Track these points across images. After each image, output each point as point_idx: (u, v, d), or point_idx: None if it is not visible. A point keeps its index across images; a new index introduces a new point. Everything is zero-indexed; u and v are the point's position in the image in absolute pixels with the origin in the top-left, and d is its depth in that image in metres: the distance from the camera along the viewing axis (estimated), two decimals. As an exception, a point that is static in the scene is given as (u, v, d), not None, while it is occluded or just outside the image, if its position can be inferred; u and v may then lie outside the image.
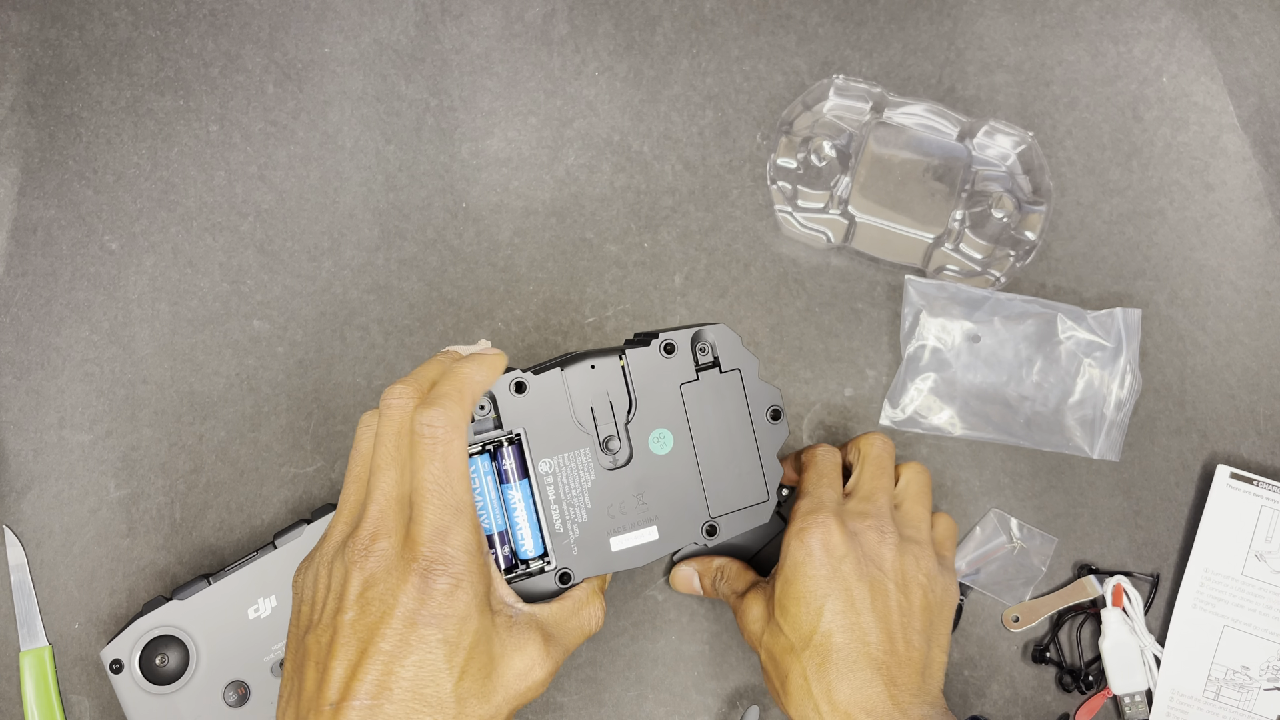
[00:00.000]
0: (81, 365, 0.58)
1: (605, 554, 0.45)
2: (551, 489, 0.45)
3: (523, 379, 0.44)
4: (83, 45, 0.61)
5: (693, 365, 0.46)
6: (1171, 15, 0.62)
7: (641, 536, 0.46)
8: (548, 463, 0.45)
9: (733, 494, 0.47)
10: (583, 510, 0.45)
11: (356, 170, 0.60)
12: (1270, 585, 0.55)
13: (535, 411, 0.45)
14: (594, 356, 0.45)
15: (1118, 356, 0.57)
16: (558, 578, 0.45)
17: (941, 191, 0.58)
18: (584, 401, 0.45)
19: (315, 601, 0.40)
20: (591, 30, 0.62)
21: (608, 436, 0.45)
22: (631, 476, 0.46)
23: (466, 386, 0.42)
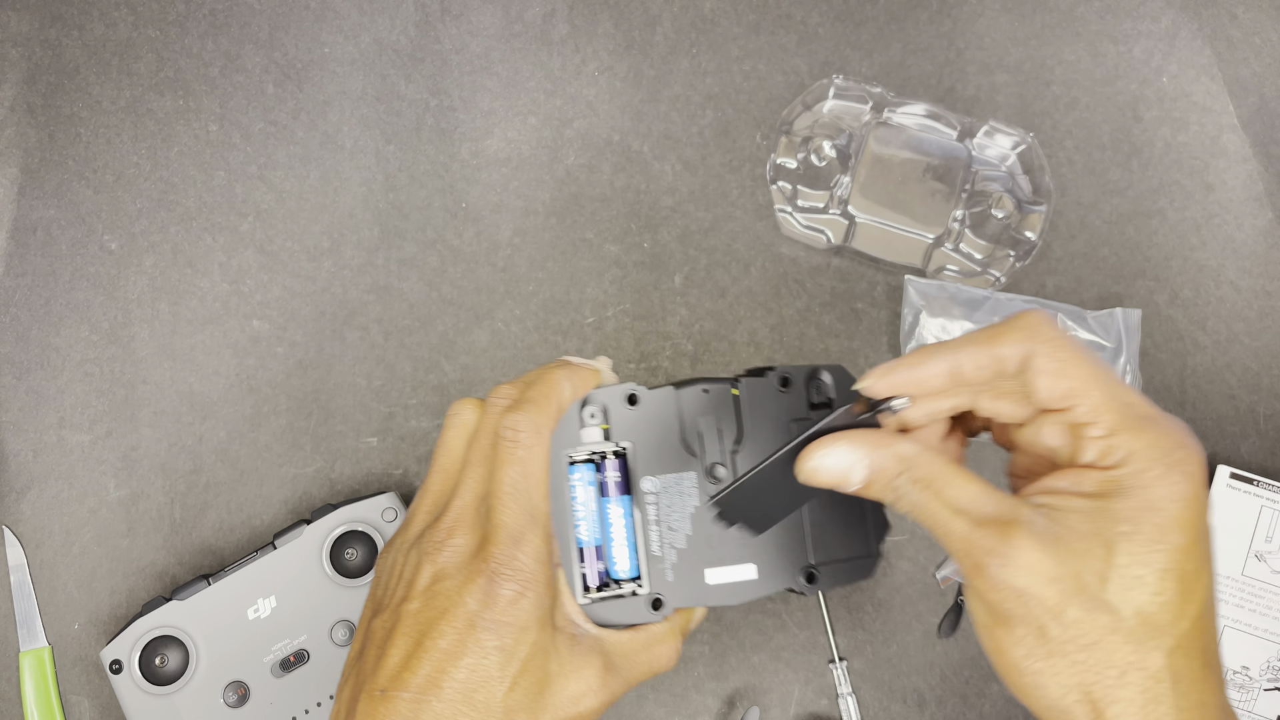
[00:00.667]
0: (81, 365, 0.58)
1: (700, 585, 0.43)
2: (653, 509, 0.43)
3: (636, 391, 0.43)
4: (82, 45, 0.61)
5: (805, 403, 0.44)
6: (1171, 15, 0.62)
7: (739, 573, 0.43)
8: (651, 481, 0.43)
9: (836, 543, 0.44)
10: (682, 536, 0.43)
11: (356, 170, 0.60)
12: (1270, 585, 0.55)
13: (644, 427, 0.43)
14: (708, 382, 0.44)
15: (1118, 357, 0.57)
16: (649, 603, 0.42)
17: (941, 192, 0.58)
18: (693, 425, 0.43)
19: (388, 586, 0.40)
20: (591, 30, 0.62)
21: (715, 463, 0.43)
22: None
23: (554, 394, 0.41)
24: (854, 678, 0.56)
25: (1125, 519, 0.31)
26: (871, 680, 0.56)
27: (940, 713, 0.56)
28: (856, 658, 0.56)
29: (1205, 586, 0.32)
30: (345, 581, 0.54)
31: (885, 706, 0.56)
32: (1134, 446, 0.32)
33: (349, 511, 0.54)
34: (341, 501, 0.55)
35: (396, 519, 0.55)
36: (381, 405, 0.59)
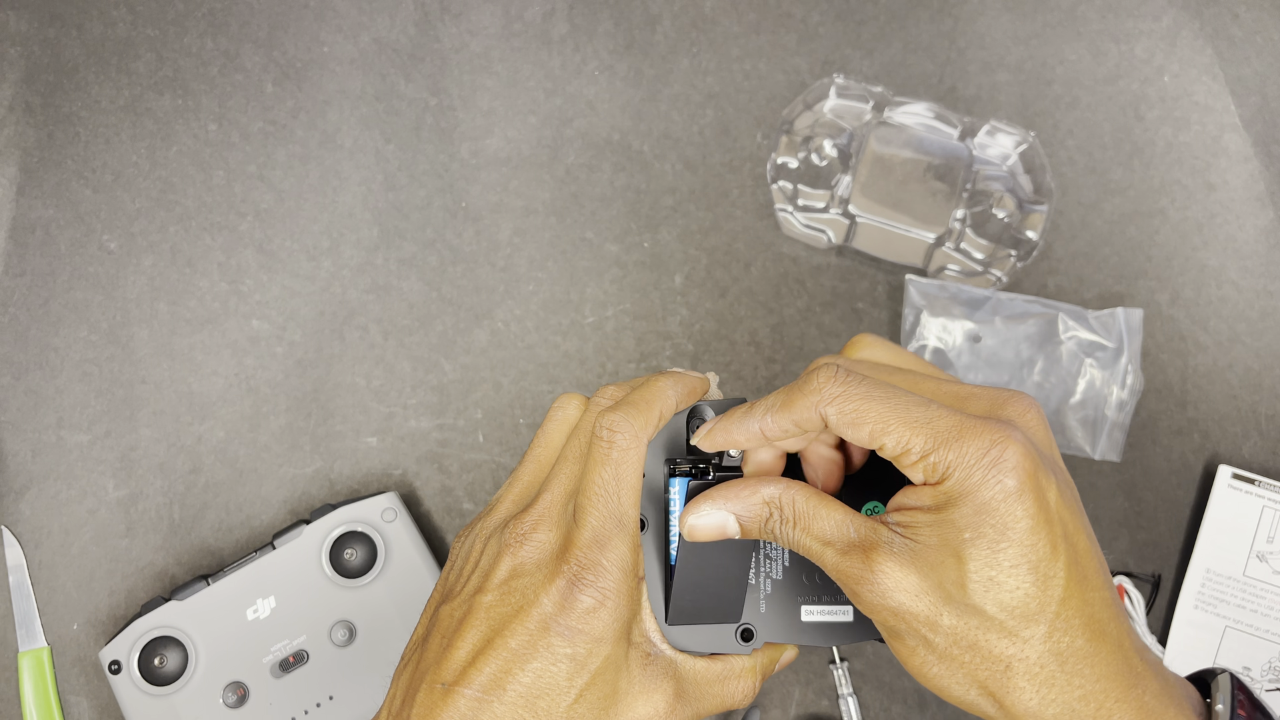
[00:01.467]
0: (80, 365, 0.58)
1: (794, 622, 0.40)
2: None
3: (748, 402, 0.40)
4: (81, 44, 0.61)
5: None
6: (1173, 14, 0.61)
7: (835, 614, 0.40)
8: None
9: None
10: (779, 566, 0.40)
11: (356, 170, 0.60)
12: (1272, 586, 0.55)
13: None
14: None
15: (1119, 356, 0.57)
16: (739, 634, 0.40)
17: (942, 191, 0.58)
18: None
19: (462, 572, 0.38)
20: (591, 29, 0.61)
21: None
22: None
23: (657, 399, 0.38)
24: (854, 678, 0.56)
25: (964, 526, 0.33)
26: (872, 680, 0.56)
27: (940, 713, 0.56)
28: (857, 658, 0.56)
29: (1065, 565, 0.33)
30: (345, 582, 0.54)
31: (885, 707, 0.56)
32: (950, 459, 0.33)
33: (348, 512, 0.54)
34: (341, 502, 0.55)
35: (396, 519, 0.55)
36: (381, 405, 0.58)
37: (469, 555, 0.39)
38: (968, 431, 0.33)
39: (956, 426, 0.33)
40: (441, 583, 0.40)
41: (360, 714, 0.54)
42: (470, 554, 0.39)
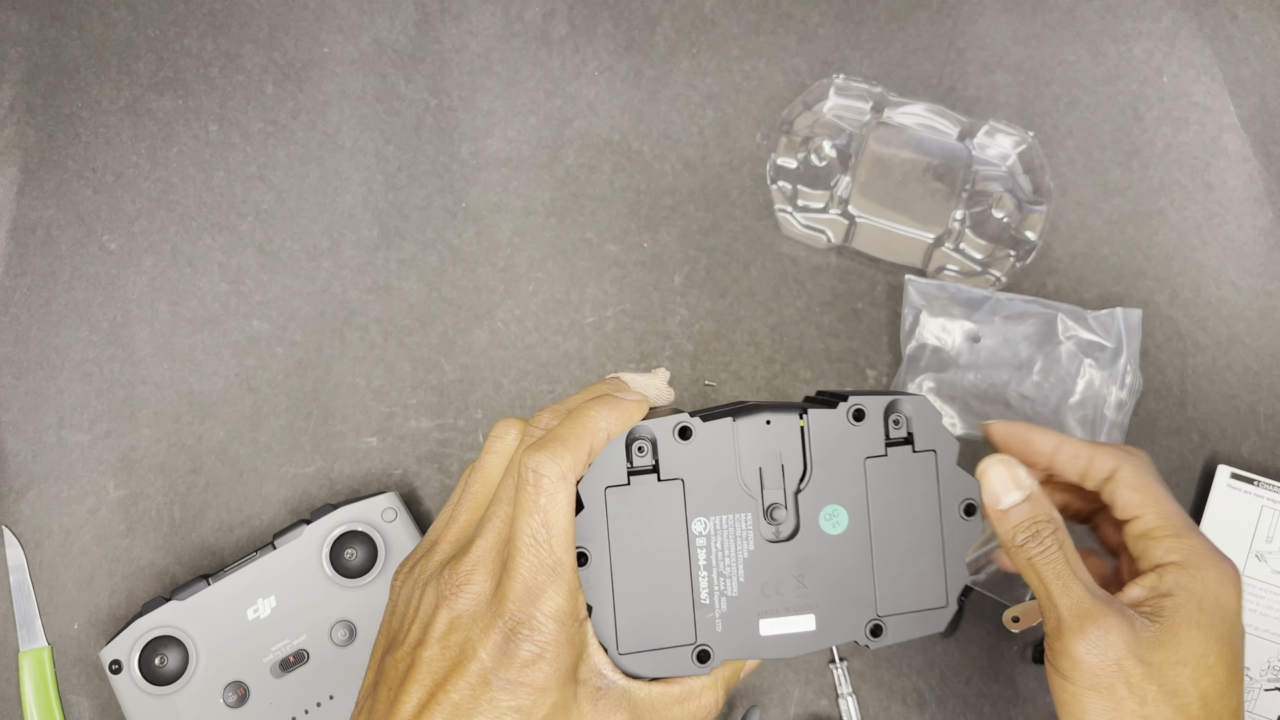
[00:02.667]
0: (80, 365, 0.58)
1: (753, 637, 0.40)
2: (703, 553, 0.39)
3: (689, 424, 0.39)
4: (82, 45, 0.61)
5: (882, 438, 0.41)
6: (1172, 15, 0.62)
7: (796, 624, 0.40)
8: (703, 522, 0.40)
9: (907, 593, 0.41)
10: (734, 583, 0.40)
11: (356, 170, 0.60)
12: (1271, 586, 0.55)
13: (697, 462, 0.39)
14: (771, 410, 0.40)
15: (1118, 357, 0.57)
16: (695, 655, 0.39)
17: (942, 191, 0.58)
18: (753, 460, 0.40)
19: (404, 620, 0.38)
20: (591, 30, 0.62)
21: (773, 504, 0.40)
22: (794, 554, 0.40)
23: (587, 433, 0.38)
24: (854, 678, 0.56)
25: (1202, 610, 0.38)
26: (871, 680, 0.56)
27: (940, 713, 0.56)
28: (856, 658, 0.56)
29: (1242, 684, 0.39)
30: (345, 581, 0.54)
31: (885, 706, 0.56)
32: (1195, 545, 0.40)
33: (349, 511, 0.54)
34: (341, 501, 0.55)
35: (396, 519, 0.55)
36: (381, 405, 0.58)
37: (409, 602, 0.39)
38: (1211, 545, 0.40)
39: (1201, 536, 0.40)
40: (385, 627, 0.40)
41: (360, 713, 0.54)
42: (410, 600, 0.39)
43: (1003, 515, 0.40)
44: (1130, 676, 0.37)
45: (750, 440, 0.40)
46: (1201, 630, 0.38)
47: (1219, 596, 0.38)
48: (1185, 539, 0.40)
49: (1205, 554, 0.39)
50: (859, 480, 0.40)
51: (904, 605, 0.41)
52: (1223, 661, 0.38)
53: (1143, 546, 0.40)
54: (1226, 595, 0.39)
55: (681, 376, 0.59)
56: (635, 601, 0.39)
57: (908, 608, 0.41)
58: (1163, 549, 0.40)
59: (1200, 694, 0.37)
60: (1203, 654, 0.38)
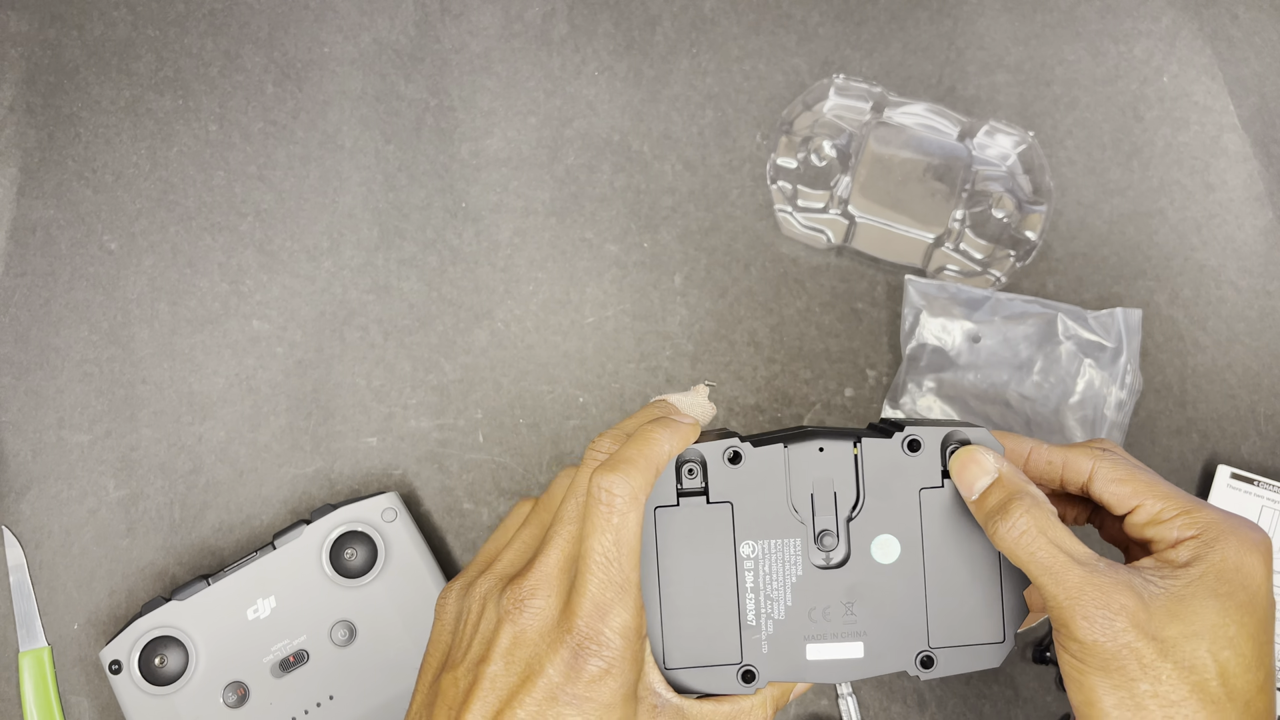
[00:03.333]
0: (80, 365, 0.58)
1: (799, 660, 0.40)
2: (750, 575, 0.40)
3: (740, 449, 0.40)
4: (82, 45, 0.61)
5: (939, 469, 0.40)
6: (1172, 15, 0.62)
7: (843, 650, 0.40)
8: (751, 545, 0.40)
9: (960, 627, 0.40)
10: (781, 606, 0.40)
11: (356, 170, 0.60)
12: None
13: (748, 486, 0.40)
14: (825, 437, 0.40)
15: (1118, 357, 0.57)
16: (740, 675, 0.40)
17: (942, 191, 0.58)
18: (804, 486, 0.40)
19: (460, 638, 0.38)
20: (591, 30, 0.62)
21: (824, 530, 0.40)
22: (844, 581, 0.40)
23: (653, 453, 0.38)
24: (854, 678, 0.56)
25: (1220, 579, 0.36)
26: (871, 680, 0.56)
27: (940, 713, 0.56)
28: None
29: (1272, 659, 0.36)
30: (345, 582, 0.54)
31: (885, 706, 0.56)
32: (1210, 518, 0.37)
33: (349, 511, 0.54)
34: (341, 501, 0.55)
35: (396, 519, 0.55)
36: (381, 405, 0.59)
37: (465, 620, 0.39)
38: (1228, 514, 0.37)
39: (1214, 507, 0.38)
40: (435, 647, 0.39)
41: (360, 714, 0.54)
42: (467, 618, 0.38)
43: (978, 504, 0.39)
44: (1141, 655, 0.34)
45: (802, 466, 0.40)
46: (1219, 599, 0.35)
47: (1240, 564, 0.36)
48: (1196, 514, 0.37)
49: (1222, 523, 0.37)
50: (913, 511, 0.40)
51: (957, 639, 0.40)
52: (1245, 632, 0.35)
53: (1153, 532, 0.38)
54: (1249, 562, 0.36)
55: (681, 376, 0.59)
56: (682, 619, 0.40)
57: (961, 641, 0.40)
58: (1174, 528, 0.37)
59: (1220, 669, 0.35)
60: (1220, 624, 0.35)
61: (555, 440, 0.58)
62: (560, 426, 0.59)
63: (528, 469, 0.58)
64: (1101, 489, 0.39)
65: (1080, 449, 0.40)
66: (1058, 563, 0.36)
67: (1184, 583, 0.36)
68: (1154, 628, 0.35)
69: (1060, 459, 0.40)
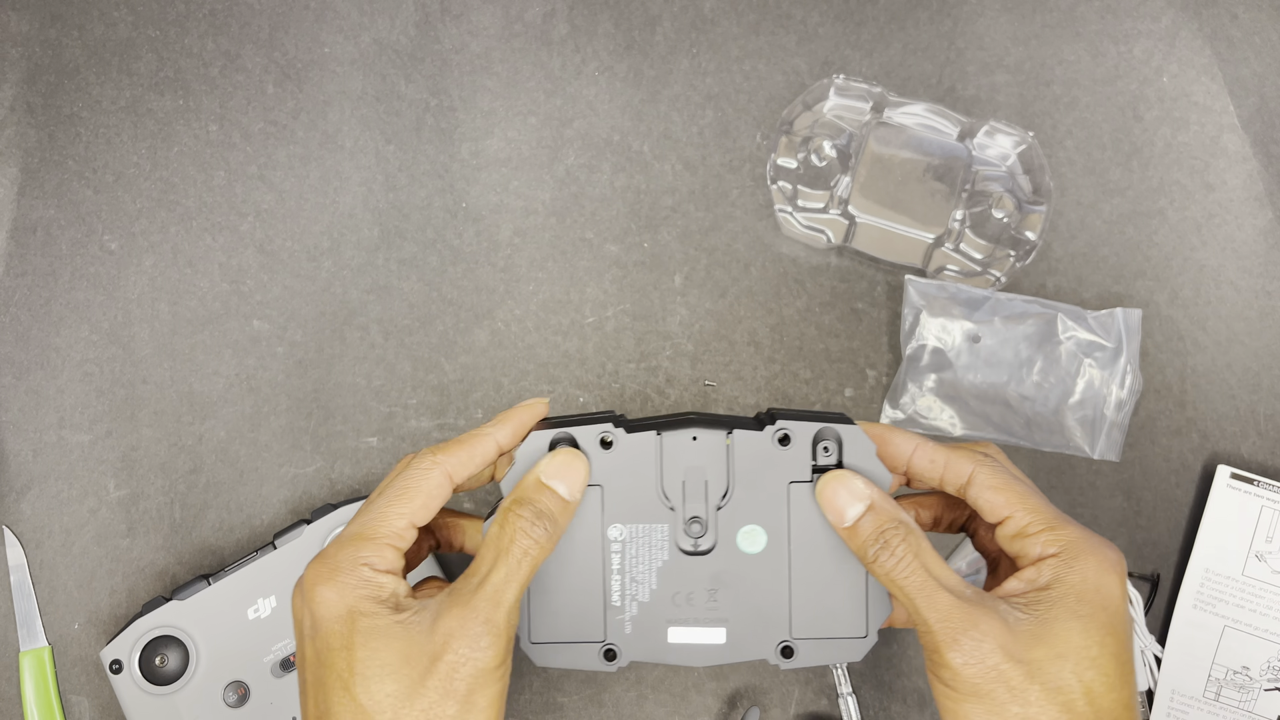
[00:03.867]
0: (81, 365, 0.58)
1: (660, 642, 0.41)
2: (617, 557, 0.41)
3: (612, 435, 0.40)
4: (82, 45, 0.61)
5: (809, 463, 0.40)
6: (1172, 15, 0.62)
7: (706, 635, 0.41)
8: (619, 529, 0.40)
9: (823, 619, 0.41)
10: (646, 589, 0.41)
11: (356, 170, 0.60)
12: (1271, 586, 0.55)
13: (619, 471, 0.40)
14: (702, 426, 0.40)
15: (1118, 356, 0.57)
16: (602, 652, 0.41)
17: (941, 191, 0.58)
18: (675, 474, 0.40)
19: None
20: (591, 30, 0.62)
21: (693, 517, 0.40)
22: (709, 568, 0.41)
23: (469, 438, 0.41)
24: (854, 678, 0.56)
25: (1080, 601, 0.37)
26: (871, 680, 0.56)
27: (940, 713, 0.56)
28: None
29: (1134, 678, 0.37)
30: (345, 581, 0.54)
31: (885, 706, 0.56)
32: (1071, 536, 0.38)
33: (349, 511, 0.54)
34: (341, 501, 0.55)
35: (396, 519, 0.55)
36: (381, 405, 0.59)
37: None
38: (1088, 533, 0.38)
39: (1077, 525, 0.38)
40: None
41: (361, 713, 0.54)
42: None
43: (851, 532, 0.39)
44: (1009, 679, 0.35)
45: (675, 454, 0.41)
46: (1081, 620, 0.36)
47: (1099, 584, 0.37)
48: (1059, 531, 0.38)
49: (1082, 543, 0.38)
50: (781, 503, 0.41)
51: (820, 631, 0.41)
52: (1106, 652, 0.36)
53: (1018, 546, 0.39)
54: (1107, 583, 0.37)
55: (681, 376, 0.59)
56: (548, 596, 0.41)
57: (824, 634, 0.41)
58: (1039, 544, 0.38)
59: (1085, 689, 0.36)
60: (1084, 645, 0.36)
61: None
62: (560, 426, 0.59)
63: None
64: (977, 494, 0.40)
65: (963, 452, 0.40)
66: (929, 589, 0.37)
67: (1046, 606, 0.37)
68: (1020, 651, 0.36)
69: (943, 460, 0.41)
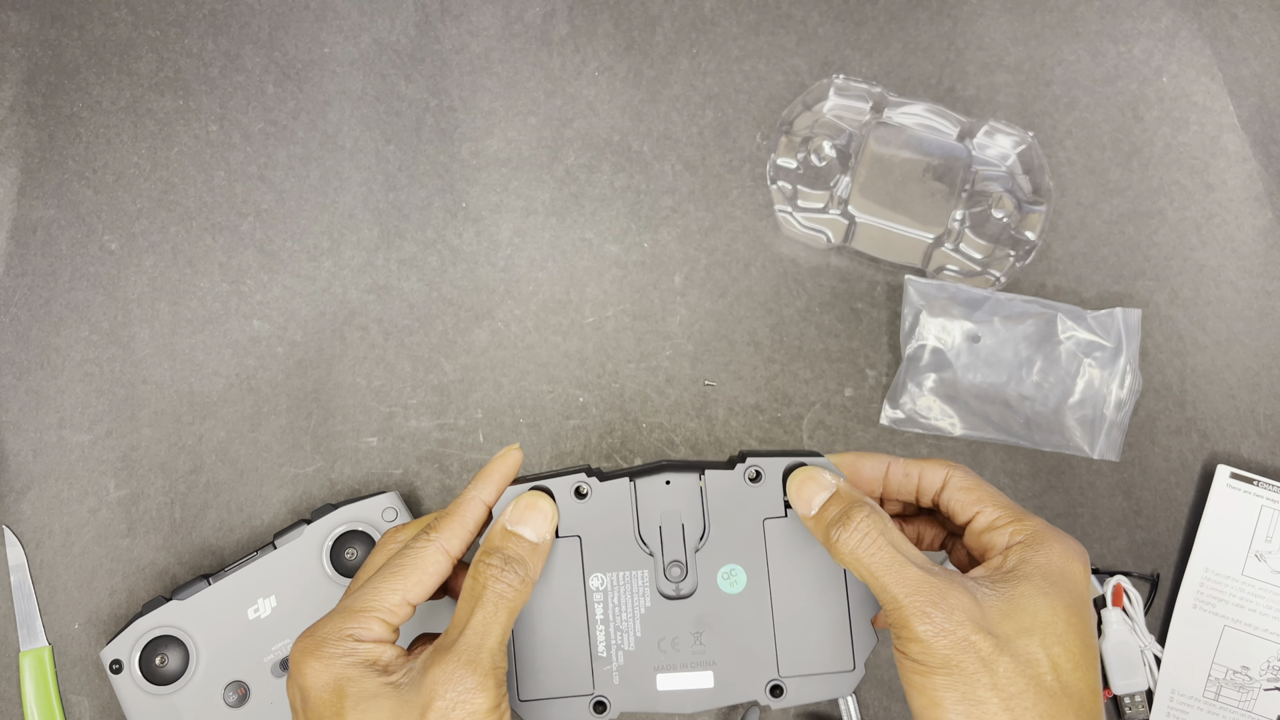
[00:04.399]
0: (81, 365, 0.58)
1: (650, 691, 0.40)
2: (600, 607, 0.40)
3: (585, 484, 0.40)
4: (83, 45, 0.61)
5: (781, 498, 0.40)
6: (1171, 15, 0.62)
7: (694, 680, 0.40)
8: (600, 578, 0.40)
9: (810, 655, 0.40)
10: (631, 637, 0.40)
11: (356, 170, 0.60)
12: (1270, 585, 0.55)
13: (595, 520, 0.40)
14: (674, 470, 0.40)
15: (1118, 356, 0.57)
16: (592, 705, 0.40)
17: (941, 191, 0.58)
18: (652, 519, 0.40)
19: None
20: (591, 30, 0.62)
21: (672, 561, 0.40)
22: (692, 611, 0.40)
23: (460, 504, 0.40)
24: (854, 678, 0.56)
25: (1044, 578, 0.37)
26: (871, 680, 0.57)
27: (940, 712, 0.56)
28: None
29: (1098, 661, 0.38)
30: (345, 581, 0.54)
31: (885, 706, 0.56)
32: (1036, 527, 0.39)
33: (349, 511, 0.54)
34: (341, 501, 0.55)
35: (396, 518, 0.55)
36: (381, 405, 0.59)
37: None
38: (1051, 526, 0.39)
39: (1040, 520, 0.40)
40: None
41: (361, 713, 0.54)
42: None
43: (816, 520, 0.39)
44: (979, 650, 0.35)
45: (650, 499, 0.40)
46: (1048, 598, 0.36)
47: (1064, 568, 0.38)
48: (1026, 522, 0.39)
49: (1048, 532, 0.39)
50: (758, 541, 0.40)
51: (807, 667, 0.41)
52: (1073, 630, 0.36)
53: (987, 539, 0.39)
54: (1072, 568, 0.38)
55: (681, 376, 0.59)
56: (534, 651, 0.40)
57: (811, 670, 0.41)
58: (1006, 535, 0.39)
59: (1052, 663, 0.36)
60: (1050, 621, 0.36)
61: (555, 440, 0.59)
62: (560, 426, 0.59)
63: (527, 469, 0.58)
64: (950, 496, 0.40)
65: (935, 462, 0.42)
66: (896, 564, 0.37)
67: (1013, 584, 0.37)
68: (989, 624, 0.36)
69: (916, 471, 0.41)
